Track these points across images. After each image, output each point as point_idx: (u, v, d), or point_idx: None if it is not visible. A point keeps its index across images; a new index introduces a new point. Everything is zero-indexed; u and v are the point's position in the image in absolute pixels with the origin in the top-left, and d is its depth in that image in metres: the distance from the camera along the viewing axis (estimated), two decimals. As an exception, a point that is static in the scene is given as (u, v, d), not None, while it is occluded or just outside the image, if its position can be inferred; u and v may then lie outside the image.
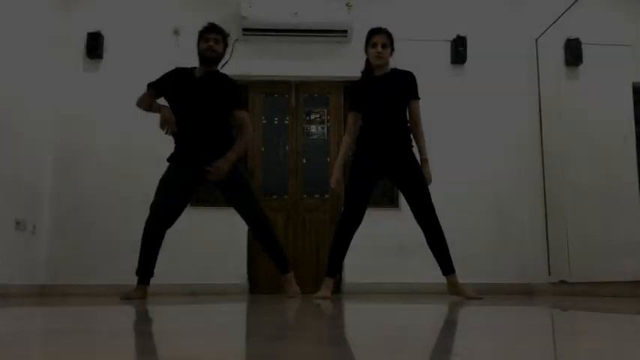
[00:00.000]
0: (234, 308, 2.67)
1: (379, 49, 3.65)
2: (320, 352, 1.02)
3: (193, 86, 3.77)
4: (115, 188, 5.29)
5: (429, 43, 5.62)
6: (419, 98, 3.73)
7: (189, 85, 3.77)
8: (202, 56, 3.82)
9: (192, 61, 5.48)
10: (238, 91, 3.92)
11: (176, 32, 5.54)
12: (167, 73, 3.91)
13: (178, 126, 3.69)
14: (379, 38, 3.67)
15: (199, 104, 3.72)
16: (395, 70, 3.76)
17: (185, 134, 3.72)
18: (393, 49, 3.74)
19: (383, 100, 3.65)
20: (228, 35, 3.96)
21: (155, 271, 3.86)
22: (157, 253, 3.76)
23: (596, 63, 4.69)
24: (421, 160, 3.69)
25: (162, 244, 3.85)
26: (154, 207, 3.75)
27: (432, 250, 3.66)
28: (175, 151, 3.80)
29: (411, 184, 3.65)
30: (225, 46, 3.91)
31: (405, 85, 3.70)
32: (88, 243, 5.21)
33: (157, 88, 3.86)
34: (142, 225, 5.14)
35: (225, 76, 3.92)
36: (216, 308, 2.63)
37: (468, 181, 5.46)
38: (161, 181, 3.79)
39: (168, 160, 3.81)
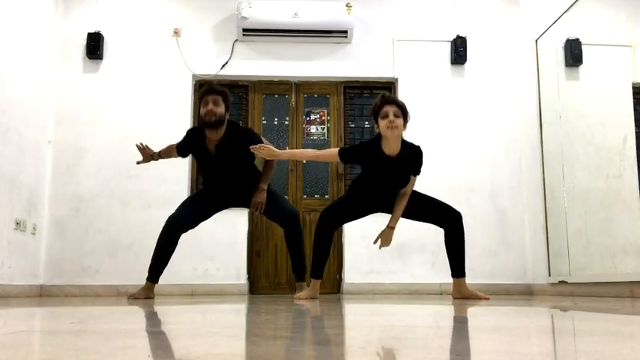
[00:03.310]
0: (234, 308, 2.67)
1: (392, 117, 3.25)
2: (321, 352, 1.02)
3: (212, 159, 3.81)
4: (115, 189, 5.29)
5: (429, 43, 5.62)
6: (419, 174, 3.56)
7: (208, 157, 3.83)
8: (205, 122, 3.70)
9: (191, 61, 5.50)
10: (253, 135, 3.85)
11: (176, 33, 5.55)
12: (185, 139, 3.92)
13: (206, 176, 3.95)
14: (391, 108, 3.28)
15: (223, 170, 3.85)
16: (405, 146, 3.42)
17: (215, 184, 3.93)
18: (406, 120, 3.36)
19: (390, 181, 3.49)
20: (229, 95, 3.80)
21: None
22: (171, 255, 3.89)
23: (596, 63, 4.68)
24: (388, 225, 3.61)
25: None
26: (178, 213, 3.85)
27: (447, 251, 3.62)
28: (205, 187, 4.02)
29: (414, 212, 3.62)
30: (227, 105, 3.74)
31: (412, 163, 3.46)
32: (87, 243, 5.21)
33: (179, 150, 3.99)
34: (141, 225, 5.16)
35: (236, 132, 3.82)
36: (217, 308, 2.63)
37: (468, 181, 5.46)
38: (193, 194, 4.12)
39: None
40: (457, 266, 3.60)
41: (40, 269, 5.10)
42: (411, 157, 3.44)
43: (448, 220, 3.57)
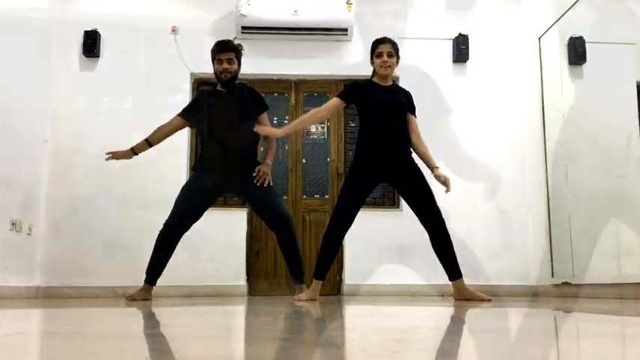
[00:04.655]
0: (233, 310, 2.64)
1: (385, 57, 3.62)
2: (321, 354, 0.99)
3: (223, 97, 3.95)
4: (112, 189, 5.26)
5: (431, 41, 5.59)
6: (415, 114, 3.75)
7: (216, 101, 3.94)
8: (220, 79, 3.95)
9: (189, 59, 5.46)
10: (260, 95, 4.13)
11: (174, 30, 5.51)
12: (195, 98, 4.18)
13: (209, 140, 3.90)
14: (385, 47, 3.65)
15: (228, 116, 3.88)
16: (396, 85, 3.81)
17: (215, 146, 3.87)
18: (398, 58, 3.73)
19: (388, 107, 3.62)
20: (242, 48, 4.03)
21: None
22: (170, 256, 3.87)
23: (599, 62, 4.64)
24: (433, 167, 3.66)
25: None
26: (177, 212, 3.79)
27: (437, 255, 3.61)
28: (203, 160, 3.95)
29: (416, 190, 3.62)
30: (239, 61, 3.99)
31: (406, 100, 3.71)
32: (84, 244, 5.17)
33: (185, 116, 4.02)
34: (139, 226, 5.12)
35: (244, 84, 4.18)
36: (215, 310, 2.60)
37: (470, 181, 5.43)
38: (185, 186, 3.97)
39: (193, 168, 4.06)
40: (451, 269, 3.60)
41: (37, 270, 5.06)
42: (403, 92, 3.74)
43: (429, 219, 3.58)
